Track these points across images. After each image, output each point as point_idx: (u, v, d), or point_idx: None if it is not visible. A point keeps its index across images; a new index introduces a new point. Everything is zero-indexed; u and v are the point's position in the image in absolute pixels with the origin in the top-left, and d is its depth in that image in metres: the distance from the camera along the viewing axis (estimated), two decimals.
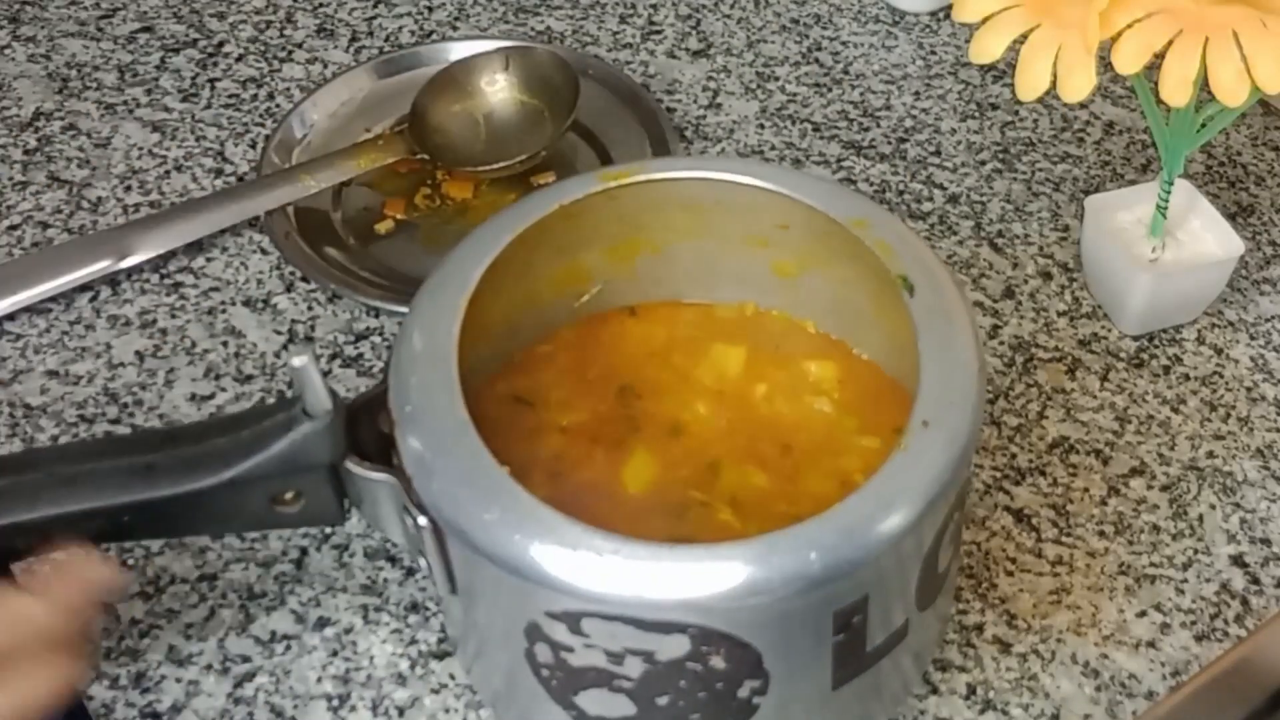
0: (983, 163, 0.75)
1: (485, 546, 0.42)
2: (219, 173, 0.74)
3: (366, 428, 0.45)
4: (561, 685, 0.45)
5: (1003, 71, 0.79)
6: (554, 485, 0.50)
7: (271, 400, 0.63)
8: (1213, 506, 0.60)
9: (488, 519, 0.42)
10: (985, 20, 0.58)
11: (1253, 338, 0.67)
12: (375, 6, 0.84)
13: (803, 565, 0.41)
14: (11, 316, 0.66)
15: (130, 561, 0.57)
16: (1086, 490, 0.60)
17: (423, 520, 0.44)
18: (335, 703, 0.53)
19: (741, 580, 0.41)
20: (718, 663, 0.43)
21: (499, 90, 0.75)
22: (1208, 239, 0.65)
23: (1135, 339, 0.66)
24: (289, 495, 0.45)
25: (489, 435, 0.44)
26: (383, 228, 0.71)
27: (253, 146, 0.75)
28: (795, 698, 0.45)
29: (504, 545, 0.41)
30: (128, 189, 0.73)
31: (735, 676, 0.43)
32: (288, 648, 0.55)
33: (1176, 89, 0.54)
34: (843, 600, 0.43)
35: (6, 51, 0.81)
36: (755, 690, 0.44)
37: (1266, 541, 0.59)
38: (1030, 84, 0.56)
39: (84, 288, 0.67)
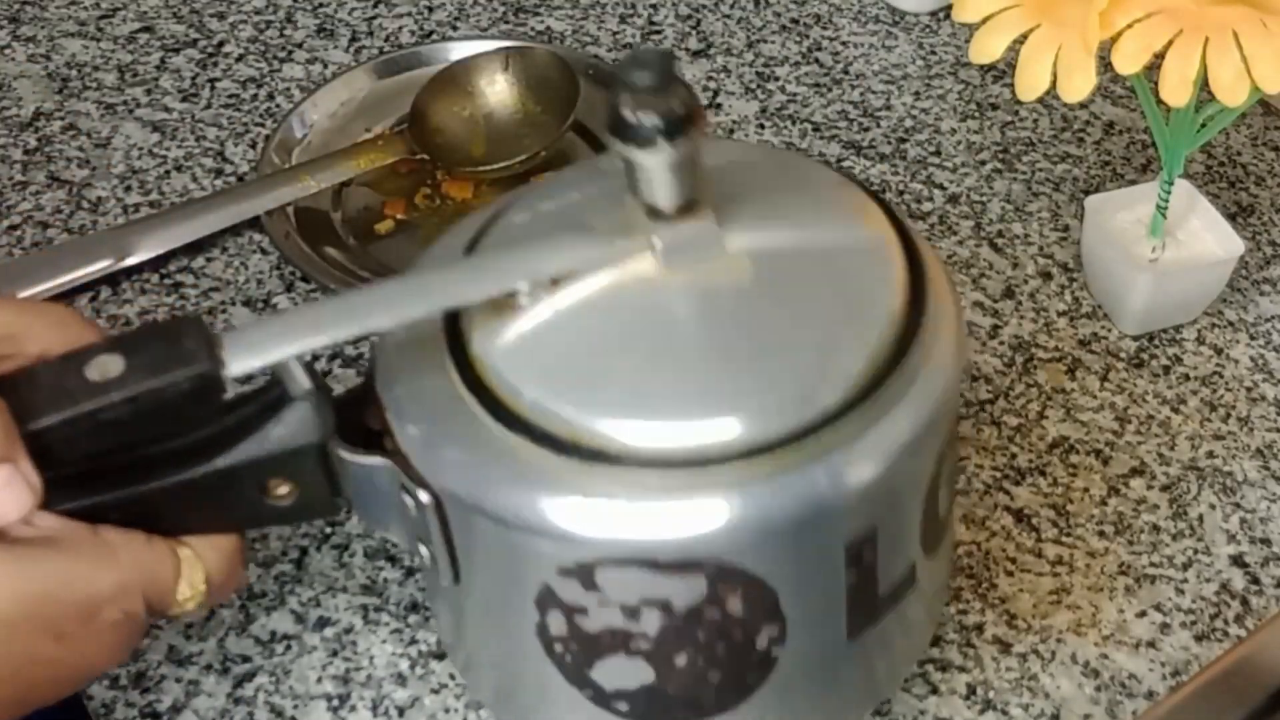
0: (983, 163, 0.75)
1: (493, 509, 0.41)
2: (219, 173, 0.74)
3: (352, 426, 0.45)
4: (576, 660, 0.45)
5: (1003, 71, 0.79)
6: None
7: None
8: (1213, 506, 0.60)
9: (494, 478, 0.41)
10: (985, 20, 0.58)
11: (1253, 338, 0.67)
12: (375, 6, 0.84)
13: (810, 486, 0.41)
14: None
15: None
16: (1086, 490, 0.60)
17: (425, 497, 0.43)
18: (335, 703, 0.53)
19: (754, 505, 0.41)
20: (735, 606, 0.43)
21: (499, 90, 0.75)
22: (1208, 239, 0.65)
23: (1135, 339, 0.66)
24: (282, 489, 0.45)
25: None
26: (383, 228, 0.71)
27: (253, 146, 0.75)
28: (812, 647, 0.46)
29: (513, 504, 0.41)
30: (128, 189, 0.73)
31: (753, 622, 0.43)
32: (288, 648, 0.55)
33: (1176, 89, 0.54)
34: (852, 532, 0.43)
35: (6, 51, 0.81)
36: (773, 639, 0.44)
37: (1266, 541, 0.59)
38: (1030, 84, 0.56)
39: (84, 288, 0.67)
